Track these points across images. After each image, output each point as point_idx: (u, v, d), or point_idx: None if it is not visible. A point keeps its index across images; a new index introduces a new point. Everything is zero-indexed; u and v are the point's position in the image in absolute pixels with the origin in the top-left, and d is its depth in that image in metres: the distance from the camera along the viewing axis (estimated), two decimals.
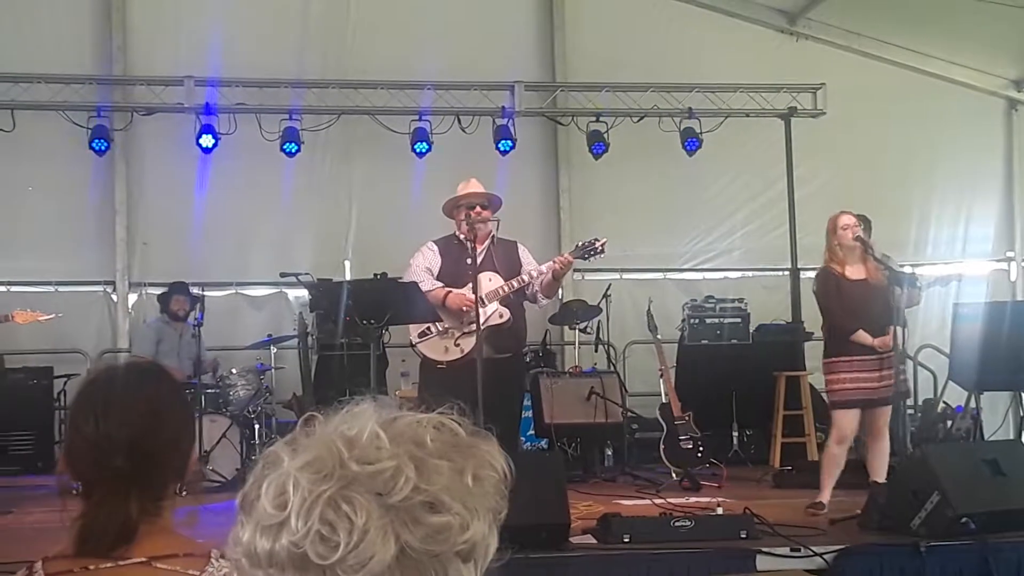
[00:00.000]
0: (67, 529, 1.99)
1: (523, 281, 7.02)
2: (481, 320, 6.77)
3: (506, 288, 6.98)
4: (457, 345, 6.99)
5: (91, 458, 1.98)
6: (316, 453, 1.11)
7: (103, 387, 2.06)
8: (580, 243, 7.40)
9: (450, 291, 6.98)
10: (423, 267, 7.12)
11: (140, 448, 1.98)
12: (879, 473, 6.91)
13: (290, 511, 1.07)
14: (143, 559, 1.95)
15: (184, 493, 6.21)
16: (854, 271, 7.02)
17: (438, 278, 7.10)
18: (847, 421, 7.00)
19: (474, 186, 7.25)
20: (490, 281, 7.00)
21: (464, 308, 6.89)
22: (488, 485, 1.14)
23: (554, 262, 7.04)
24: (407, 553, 1.07)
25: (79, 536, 1.96)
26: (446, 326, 7.01)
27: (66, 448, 2.06)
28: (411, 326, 7.18)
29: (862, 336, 6.90)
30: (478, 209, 7.01)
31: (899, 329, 7.02)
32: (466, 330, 6.94)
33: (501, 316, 6.97)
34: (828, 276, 7.14)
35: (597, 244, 7.15)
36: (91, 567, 1.94)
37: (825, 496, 6.94)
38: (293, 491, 1.08)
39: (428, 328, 7.04)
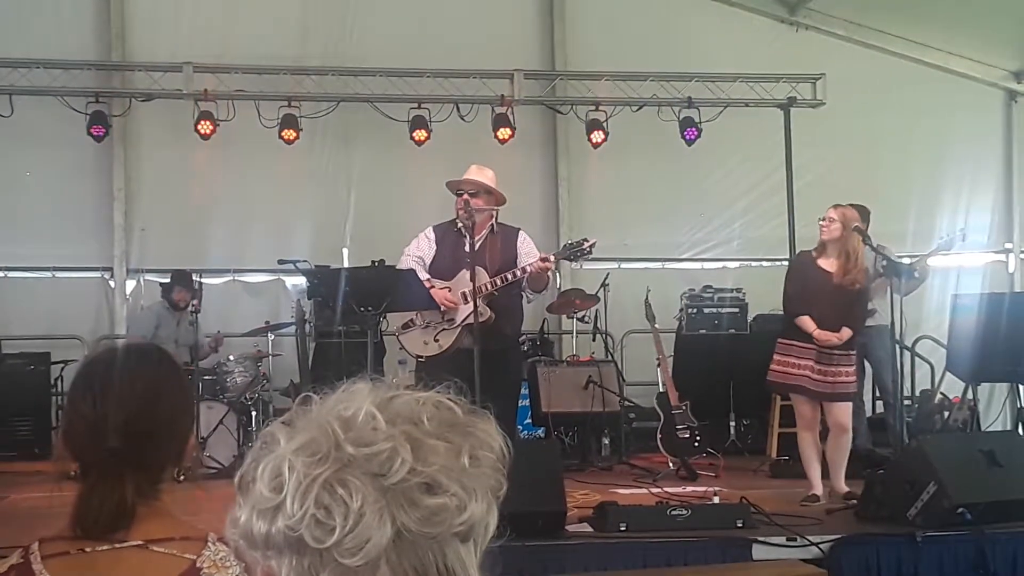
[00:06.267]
0: (64, 512, 1.97)
1: (507, 280, 6.66)
2: (460, 318, 6.66)
3: (489, 286, 6.65)
4: (436, 340, 6.76)
5: (88, 438, 1.97)
6: (311, 435, 1.10)
7: (102, 368, 2.04)
8: (567, 243, 7.20)
9: (433, 286, 6.76)
10: (414, 256, 6.92)
11: (135, 428, 1.97)
12: (835, 472, 6.92)
13: (286, 494, 1.07)
14: (139, 542, 1.94)
15: (182, 478, 6.10)
16: (827, 263, 6.97)
17: (432, 266, 6.91)
18: (799, 407, 7.06)
19: (474, 173, 7.02)
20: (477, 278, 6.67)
21: (443, 307, 6.71)
22: (485, 465, 1.13)
23: (534, 263, 6.64)
24: (404, 535, 1.07)
25: (76, 517, 1.94)
26: (428, 320, 6.80)
27: (64, 429, 2.05)
28: (396, 317, 7.01)
29: (805, 321, 6.85)
30: (466, 197, 6.74)
31: (895, 318, 7.04)
32: (446, 326, 6.76)
33: (482, 314, 6.52)
34: (801, 258, 7.33)
35: (585, 245, 6.77)
36: (87, 549, 1.93)
37: (816, 487, 6.91)
38: (288, 474, 1.07)
39: (411, 320, 6.86)
